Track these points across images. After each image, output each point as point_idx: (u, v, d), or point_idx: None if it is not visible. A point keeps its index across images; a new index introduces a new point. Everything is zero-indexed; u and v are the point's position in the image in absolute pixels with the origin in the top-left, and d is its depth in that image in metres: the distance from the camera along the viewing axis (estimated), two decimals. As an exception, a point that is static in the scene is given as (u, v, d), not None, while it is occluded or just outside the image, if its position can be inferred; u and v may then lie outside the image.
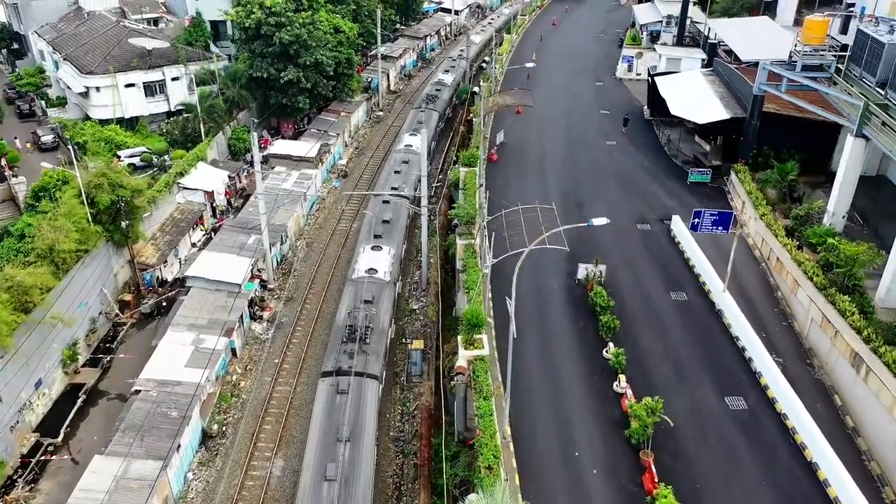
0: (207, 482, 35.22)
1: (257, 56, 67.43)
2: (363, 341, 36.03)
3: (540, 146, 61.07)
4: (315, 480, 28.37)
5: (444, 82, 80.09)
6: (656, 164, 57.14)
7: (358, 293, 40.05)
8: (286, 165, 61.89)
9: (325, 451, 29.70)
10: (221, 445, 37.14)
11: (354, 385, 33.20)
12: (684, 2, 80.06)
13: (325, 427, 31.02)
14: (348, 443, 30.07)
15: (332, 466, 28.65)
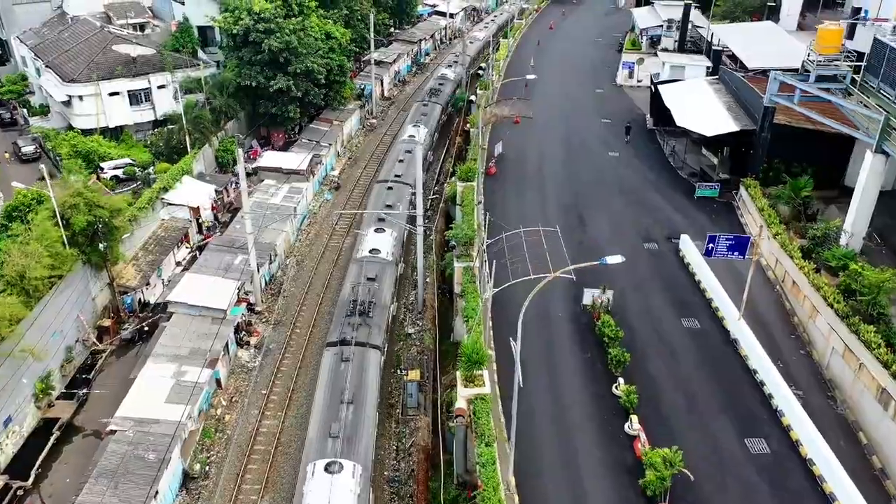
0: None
1: (245, 64, 65.00)
2: (366, 315, 38.13)
3: (539, 158, 58.74)
4: (320, 437, 30.47)
5: (447, 77, 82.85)
6: (661, 177, 54.86)
7: (362, 271, 42.36)
8: (276, 178, 59.42)
9: (329, 412, 31.66)
10: (204, 488, 34.65)
11: (357, 354, 35.28)
12: (686, 6, 77.84)
13: (329, 391, 33.03)
14: (351, 405, 32.00)
15: (335, 425, 30.64)
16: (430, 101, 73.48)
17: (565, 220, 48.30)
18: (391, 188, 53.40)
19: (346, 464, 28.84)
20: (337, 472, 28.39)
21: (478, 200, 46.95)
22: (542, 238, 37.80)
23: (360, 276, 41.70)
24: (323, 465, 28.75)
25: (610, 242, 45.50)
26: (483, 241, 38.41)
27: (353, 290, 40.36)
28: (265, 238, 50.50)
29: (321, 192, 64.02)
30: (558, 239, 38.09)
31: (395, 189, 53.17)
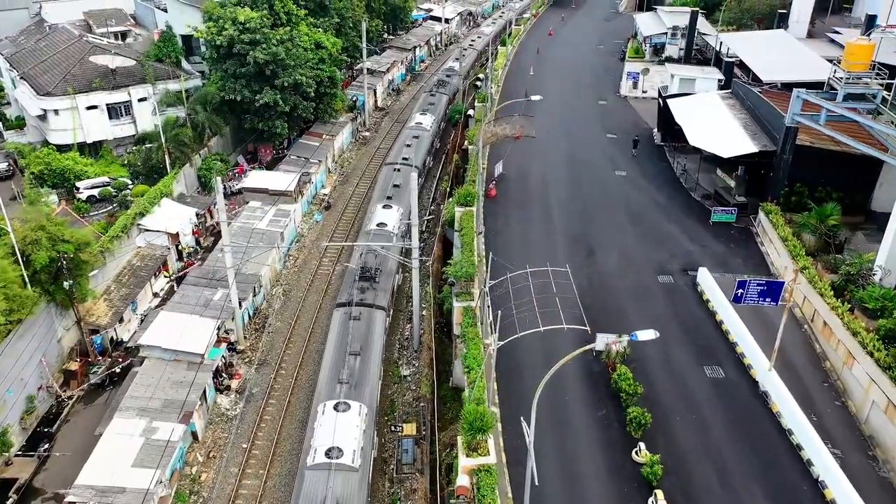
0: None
1: (230, 77, 61.33)
2: (373, 280, 41.55)
3: (542, 178, 55.18)
4: (329, 382, 33.93)
5: (454, 69, 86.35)
6: (673, 200, 51.35)
7: (369, 242, 45.29)
8: (261, 200, 55.75)
9: (337, 362, 35.03)
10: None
11: (365, 314, 38.73)
12: (693, 13, 74.44)
13: (338, 344, 36.38)
14: (357, 356, 35.29)
15: (344, 372, 34.00)
16: (437, 91, 77.29)
17: (573, 251, 44.81)
18: (398, 170, 56.50)
19: (353, 404, 32.30)
20: (344, 410, 31.81)
21: (478, 230, 43.37)
22: (552, 280, 34.12)
23: (370, 250, 44.57)
24: (332, 404, 32.20)
25: (622, 276, 42.03)
26: (485, 282, 34.81)
27: (362, 258, 43.89)
28: (249, 268, 46.88)
29: (310, 213, 60.37)
30: (568, 279, 34.44)
31: (402, 171, 55.78)
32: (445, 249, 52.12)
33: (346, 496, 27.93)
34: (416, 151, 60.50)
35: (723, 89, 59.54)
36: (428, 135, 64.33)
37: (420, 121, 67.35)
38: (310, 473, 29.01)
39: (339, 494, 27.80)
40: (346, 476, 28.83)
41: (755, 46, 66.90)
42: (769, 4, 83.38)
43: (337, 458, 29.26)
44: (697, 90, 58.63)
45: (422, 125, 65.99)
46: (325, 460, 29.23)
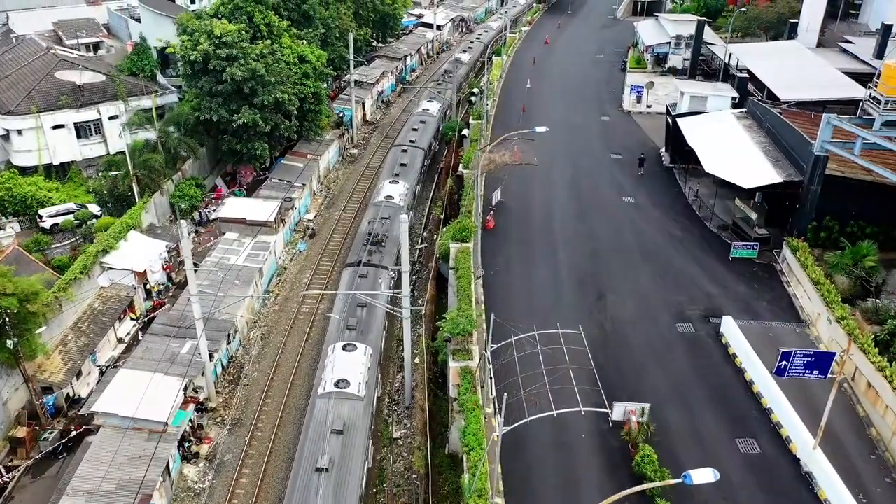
0: None
1: (205, 95, 56.79)
2: (380, 244, 45.56)
3: (545, 206, 50.87)
4: (339, 328, 37.60)
5: (461, 60, 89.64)
6: (688, 233, 47.11)
7: (378, 212, 49.50)
8: (239, 230, 51.23)
9: (346, 311, 38.68)
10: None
11: (371, 272, 42.58)
12: (699, 23, 70.31)
13: (347, 298, 39.70)
14: (364, 308, 38.94)
15: (352, 320, 37.78)
16: (444, 80, 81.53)
17: (581, 294, 40.52)
18: (405, 150, 60.84)
19: (360, 345, 36.13)
20: (351, 350, 35.67)
21: (477, 275, 39.00)
22: (563, 343, 29.75)
23: (377, 216, 48.81)
24: (341, 345, 35.97)
25: (637, 325, 37.78)
26: (486, 344, 30.48)
27: (370, 225, 47.87)
28: (223, 311, 42.40)
29: (293, 243, 55.87)
30: (582, 343, 30.08)
31: (409, 151, 60.59)
32: (440, 284, 47.79)
33: (351, 419, 31.67)
34: (421, 135, 64.96)
35: (736, 107, 55.38)
36: (434, 120, 69.21)
37: (427, 107, 72.07)
38: (320, 401, 32.76)
39: (345, 418, 31.55)
40: (352, 404, 32.63)
41: (768, 59, 62.89)
42: (776, 12, 79.37)
43: (344, 388, 33.05)
44: (709, 109, 54.44)
45: (428, 111, 71.01)
46: (333, 390, 32.98)
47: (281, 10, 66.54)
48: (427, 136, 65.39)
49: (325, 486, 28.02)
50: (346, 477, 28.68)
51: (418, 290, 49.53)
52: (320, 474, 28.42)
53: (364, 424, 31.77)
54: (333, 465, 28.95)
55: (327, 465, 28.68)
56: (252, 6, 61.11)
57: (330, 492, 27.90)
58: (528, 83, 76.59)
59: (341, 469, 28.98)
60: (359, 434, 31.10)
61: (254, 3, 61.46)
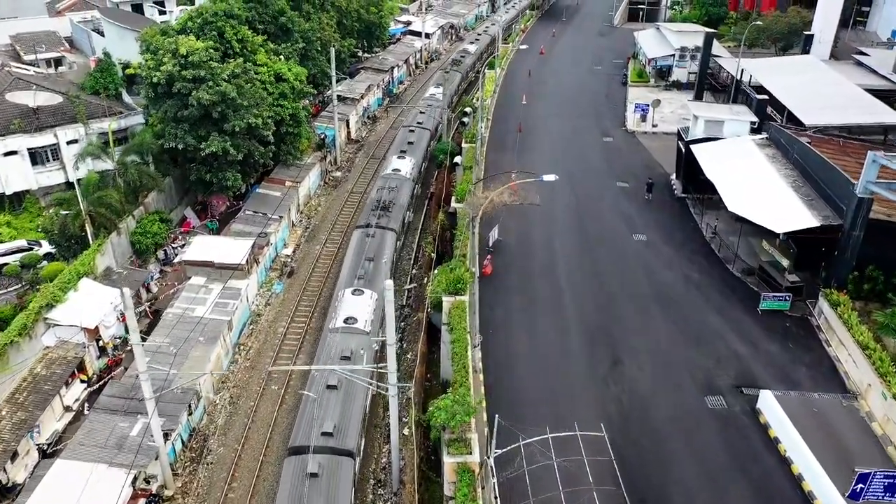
0: None
1: (170, 120, 51.41)
2: (387, 210, 48.77)
3: (547, 246, 45.82)
4: (349, 277, 42.07)
5: (468, 51, 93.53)
6: (708, 277, 42.15)
7: (386, 183, 53.53)
8: (206, 275, 45.86)
9: (355, 264, 42.96)
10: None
11: (378, 233, 46.25)
12: (707, 36, 65.34)
13: (356, 253, 43.92)
14: (371, 261, 43.00)
15: (360, 270, 42.24)
16: (451, 69, 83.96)
17: (593, 357, 35.43)
18: (413, 131, 64.59)
19: (366, 290, 40.01)
20: (359, 295, 39.46)
21: (474, 343, 33.82)
22: (583, 449, 24.64)
23: (385, 186, 53.04)
24: (350, 290, 39.89)
25: (659, 397, 32.76)
26: (489, 447, 25.35)
27: (378, 192, 52.02)
28: (183, 375, 37.05)
29: (268, 283, 50.51)
30: (604, 445, 25.00)
31: (416, 131, 64.31)
32: (431, 335, 42.54)
33: (357, 349, 35.47)
34: (428, 118, 67.89)
35: (754, 131, 50.41)
36: (438, 104, 71.06)
37: (434, 92, 75.23)
38: (331, 334, 37.01)
39: (352, 348, 35.61)
40: (358, 337, 36.72)
41: (784, 76, 57.99)
42: (787, 23, 74.63)
43: (352, 325, 37.31)
44: (726, 134, 49.47)
45: (436, 96, 73.65)
46: (343, 325, 37.26)
47: (256, 23, 61.34)
48: (434, 120, 68.91)
49: (335, 401, 32.67)
50: (354, 394, 33.26)
51: (407, 342, 44.37)
52: (331, 391, 33.18)
53: (368, 353, 35.60)
54: (343, 384, 33.31)
55: (337, 384, 33.28)
56: (223, 21, 55.78)
57: (339, 405, 32.52)
58: (523, 99, 71.50)
59: (349, 387, 33.24)
60: (364, 360, 33.82)
61: (225, 18, 56.14)
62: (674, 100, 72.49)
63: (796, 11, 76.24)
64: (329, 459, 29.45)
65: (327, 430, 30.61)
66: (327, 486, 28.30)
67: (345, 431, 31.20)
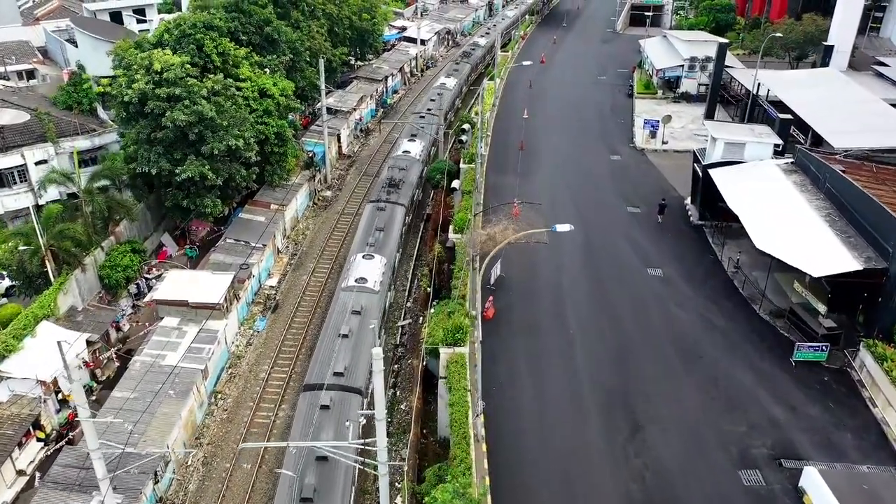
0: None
1: (143, 143, 47.37)
2: (397, 187, 52.11)
3: (553, 282, 41.81)
4: (361, 243, 45.24)
5: (478, 44, 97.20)
6: (733, 320, 38.17)
7: (396, 163, 56.32)
8: (180, 315, 41.78)
9: (367, 232, 46.39)
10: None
11: (389, 208, 49.30)
12: (721, 47, 61.38)
13: (368, 224, 47.49)
14: (381, 231, 46.24)
15: (371, 238, 45.39)
16: (462, 60, 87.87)
17: (610, 426, 31.28)
18: (423, 117, 66.57)
19: (377, 255, 43.15)
20: (369, 259, 42.72)
21: (477, 412, 29.74)
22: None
23: (396, 165, 56.00)
24: (362, 255, 43.16)
25: (688, 474, 28.72)
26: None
27: (390, 171, 54.96)
28: (149, 437, 33.05)
29: (250, 320, 46.44)
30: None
31: (426, 117, 66.31)
32: (427, 380, 38.50)
33: (366, 306, 37.96)
34: (438, 105, 69.46)
35: (777, 153, 46.47)
36: (450, 93, 75.34)
37: (444, 82, 78.46)
38: (343, 293, 39.24)
39: (363, 304, 37.87)
40: (368, 295, 39.09)
41: (805, 92, 54.16)
42: (802, 31, 70.74)
43: (362, 284, 39.64)
44: (747, 157, 45.53)
45: (446, 85, 77.16)
46: (354, 284, 39.69)
47: (239, 33, 57.23)
48: (445, 104, 70.49)
49: (346, 347, 34.91)
50: (363, 341, 35.31)
51: (400, 389, 40.41)
52: (342, 339, 35.38)
53: (378, 309, 38.72)
54: (353, 333, 35.90)
55: (348, 332, 35.72)
56: (202, 33, 51.71)
57: (350, 350, 34.76)
58: (524, 113, 67.44)
59: (359, 336, 35.84)
60: (373, 315, 37.51)
61: (204, 30, 52.05)
62: (683, 113, 68.59)
63: (811, 19, 72.33)
64: (340, 395, 31.90)
65: (338, 371, 33.09)
66: (337, 416, 30.73)
67: (354, 372, 33.78)
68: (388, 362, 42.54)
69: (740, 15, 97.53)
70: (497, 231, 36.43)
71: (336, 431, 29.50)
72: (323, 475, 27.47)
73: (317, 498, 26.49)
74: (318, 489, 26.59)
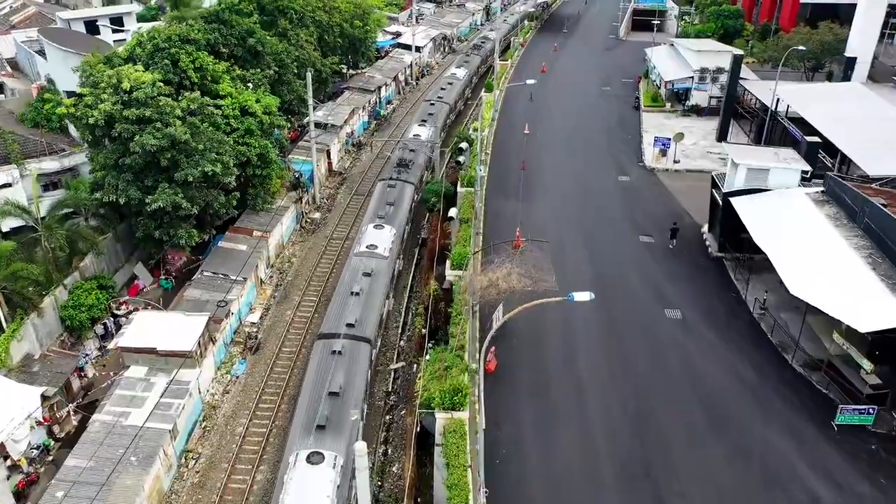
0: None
1: (110, 169, 43.33)
2: (406, 167, 55.84)
3: (562, 329, 37.79)
4: (372, 216, 48.24)
5: (488, 37, 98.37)
6: (762, 374, 34.19)
7: (406, 146, 60.14)
8: (148, 363, 37.67)
9: (379, 205, 49.67)
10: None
11: (399, 185, 53.08)
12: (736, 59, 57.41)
13: (379, 199, 51.10)
14: (391, 205, 49.62)
15: (381, 211, 48.65)
16: (472, 52, 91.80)
17: (630, 500, 27.35)
18: (433, 104, 70.30)
19: (386, 226, 46.66)
20: (380, 228, 46.20)
21: (482, 487, 25.74)
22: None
23: (406, 148, 58.89)
24: (373, 225, 46.63)
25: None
26: None
27: (401, 152, 58.43)
28: None
29: (228, 363, 42.35)
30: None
31: (436, 104, 70.06)
32: (422, 439, 34.41)
33: (376, 269, 42.00)
34: (449, 93, 74.74)
35: (805, 180, 42.57)
36: (460, 83, 79.92)
37: (455, 72, 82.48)
38: (356, 258, 43.09)
39: (373, 267, 41.85)
40: (378, 259, 43.00)
41: (830, 109, 50.23)
42: (819, 41, 66.84)
43: (373, 250, 43.68)
44: (772, 185, 41.57)
45: (456, 75, 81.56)
46: (365, 250, 43.69)
47: (220, 46, 53.14)
48: (454, 93, 75.73)
49: (357, 303, 37.98)
50: (373, 300, 39.08)
51: (392, 446, 36.42)
52: (354, 296, 38.41)
53: (387, 273, 42.33)
54: (364, 292, 39.00)
55: (359, 291, 38.71)
56: (177, 47, 47.65)
57: (360, 306, 37.82)
58: (525, 128, 63.41)
59: (369, 295, 39.15)
60: (382, 277, 41.52)
61: (180, 43, 47.98)
62: (694, 128, 64.62)
63: (828, 28, 68.43)
64: (350, 343, 35.36)
65: (350, 323, 36.43)
66: (348, 362, 34.11)
67: (364, 324, 37.07)
68: (378, 412, 38.62)
69: (748, 21, 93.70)
70: (500, 277, 32.40)
71: (346, 373, 33.17)
72: (335, 408, 30.90)
73: (330, 426, 29.81)
74: (331, 419, 30.16)
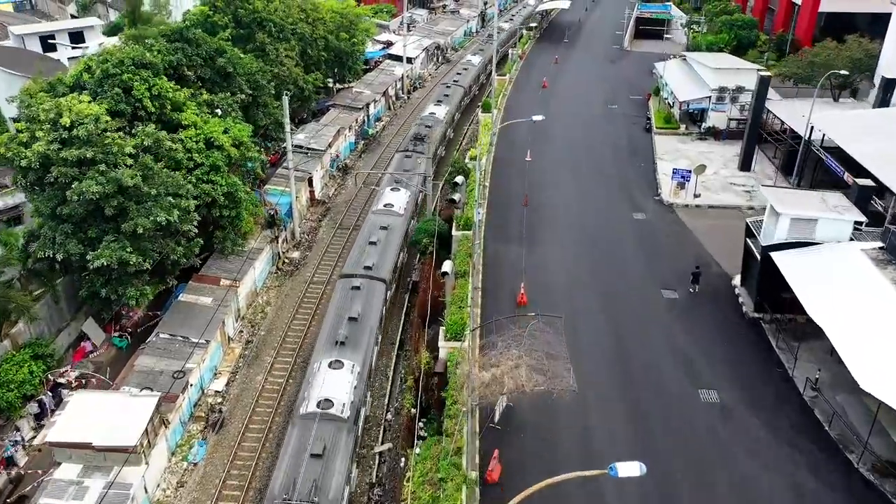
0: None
1: (48, 218, 37.11)
2: (422, 141, 58.75)
3: (580, 418, 31.61)
4: (389, 183, 51.87)
5: (502, 27, 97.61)
6: (823, 480, 28.15)
7: (423, 121, 64.71)
8: (83, 460, 31.43)
9: (389, 191, 51.36)
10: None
11: (414, 156, 56.67)
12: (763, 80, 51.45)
13: (396, 167, 55.60)
14: (407, 171, 53.77)
15: (397, 176, 52.85)
16: (479, 50, 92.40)
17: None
18: (449, 87, 75.10)
19: (402, 188, 51.09)
20: (396, 191, 50.67)
21: None
22: None
23: (423, 123, 64.17)
24: (390, 188, 51.15)
25: None
26: None
27: (417, 128, 62.85)
28: None
29: (185, 445, 36.14)
30: None
31: (451, 88, 75.03)
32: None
33: (392, 224, 46.58)
34: (464, 78, 79.81)
35: (857, 228, 36.58)
36: (475, 69, 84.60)
37: (462, 68, 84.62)
38: (373, 215, 47.91)
39: (389, 223, 46.39)
40: (394, 217, 47.53)
41: (874, 140, 44.26)
42: (849, 57, 60.92)
43: (389, 208, 48.47)
44: (819, 237, 35.56)
45: (469, 63, 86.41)
46: (382, 208, 48.68)
47: (183, 68, 47.01)
48: (468, 79, 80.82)
49: (375, 250, 43.26)
50: (389, 249, 44.04)
51: None
52: (371, 245, 43.79)
53: (402, 228, 47.13)
54: (380, 242, 44.17)
55: (377, 241, 44.07)
56: (131, 73, 41.45)
57: (377, 253, 42.97)
58: (527, 154, 57.34)
59: (385, 245, 44.23)
60: (398, 230, 46.62)
61: (134, 68, 41.76)
62: (713, 154, 58.70)
63: (857, 42, 62.56)
64: (367, 281, 39.88)
65: (367, 265, 41.18)
66: (366, 296, 38.81)
67: (380, 267, 41.62)
68: None
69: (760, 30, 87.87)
70: (504, 371, 26.32)
71: (363, 305, 38.03)
72: (353, 330, 35.96)
73: (348, 342, 34.78)
74: (349, 338, 35.02)
